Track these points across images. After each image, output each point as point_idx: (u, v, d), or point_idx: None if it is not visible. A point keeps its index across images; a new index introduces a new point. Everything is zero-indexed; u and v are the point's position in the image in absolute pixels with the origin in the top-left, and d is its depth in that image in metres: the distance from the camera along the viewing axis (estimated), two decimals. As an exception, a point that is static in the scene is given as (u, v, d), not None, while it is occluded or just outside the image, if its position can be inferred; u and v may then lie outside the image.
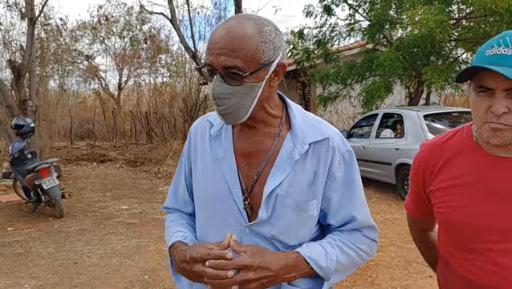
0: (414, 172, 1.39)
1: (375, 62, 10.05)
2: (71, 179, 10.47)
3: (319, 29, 11.60)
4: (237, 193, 1.26)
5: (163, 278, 4.45)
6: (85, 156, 14.47)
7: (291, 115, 1.30)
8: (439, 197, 1.28)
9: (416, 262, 4.73)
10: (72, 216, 7.07)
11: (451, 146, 1.29)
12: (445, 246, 1.34)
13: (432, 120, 7.73)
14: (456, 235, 1.26)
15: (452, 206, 1.24)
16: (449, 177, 1.26)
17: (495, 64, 1.06)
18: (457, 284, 1.27)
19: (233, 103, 1.16)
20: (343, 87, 11.58)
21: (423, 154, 1.37)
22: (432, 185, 1.31)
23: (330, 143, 1.27)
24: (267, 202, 1.23)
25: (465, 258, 1.24)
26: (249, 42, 1.13)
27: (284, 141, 1.26)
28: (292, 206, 1.23)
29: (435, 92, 12.22)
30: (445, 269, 1.34)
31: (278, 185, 1.23)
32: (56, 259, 5.09)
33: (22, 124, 7.38)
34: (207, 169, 1.32)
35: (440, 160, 1.29)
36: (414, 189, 1.43)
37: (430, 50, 9.77)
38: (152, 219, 6.77)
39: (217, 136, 1.33)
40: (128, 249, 5.40)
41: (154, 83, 22.15)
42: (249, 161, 1.28)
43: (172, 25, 12.17)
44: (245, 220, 1.25)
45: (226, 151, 1.30)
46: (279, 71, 1.21)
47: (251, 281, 1.12)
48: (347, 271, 1.34)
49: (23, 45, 12.40)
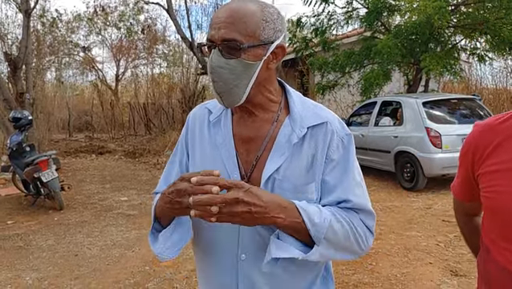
0: (464, 154, 1.32)
1: (374, 49, 9.98)
2: (70, 171, 10.46)
3: (317, 17, 11.52)
4: (236, 178, 1.24)
5: (163, 268, 4.46)
6: (84, 148, 14.45)
7: (290, 100, 1.29)
8: (486, 181, 1.22)
9: (416, 250, 4.74)
10: (72, 208, 7.07)
11: (505, 129, 1.20)
12: (488, 234, 1.27)
13: (431, 107, 7.71)
14: (500, 222, 1.19)
15: (498, 191, 1.17)
16: (499, 161, 1.18)
17: None
18: (497, 275, 1.21)
19: (228, 78, 1.16)
20: (341, 76, 11.53)
21: (474, 135, 1.29)
22: (480, 169, 1.24)
23: (328, 126, 1.25)
24: (265, 187, 1.22)
25: (508, 249, 1.17)
26: (250, 17, 1.14)
27: (282, 126, 1.26)
28: (290, 190, 1.21)
29: (433, 79, 12.17)
30: (486, 258, 1.27)
31: (276, 169, 1.22)
32: (56, 251, 5.09)
33: (20, 117, 7.34)
34: (206, 155, 1.31)
35: (492, 143, 1.21)
36: (462, 172, 1.36)
37: (428, 36, 9.70)
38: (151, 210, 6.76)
39: (216, 122, 1.33)
40: (128, 240, 5.41)
41: (151, 73, 22.07)
42: (248, 147, 1.28)
43: (169, 15, 12.09)
44: None
45: (225, 137, 1.29)
46: (278, 54, 1.21)
47: (239, 202, 1.04)
48: (339, 250, 1.23)
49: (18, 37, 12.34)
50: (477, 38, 10.43)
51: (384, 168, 8.37)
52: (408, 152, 7.61)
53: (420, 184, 7.47)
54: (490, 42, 9.76)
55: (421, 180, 7.44)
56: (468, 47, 10.86)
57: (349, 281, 4.02)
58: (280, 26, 1.20)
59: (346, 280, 4.04)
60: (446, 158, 6.99)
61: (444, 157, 7.07)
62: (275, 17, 1.19)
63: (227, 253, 1.27)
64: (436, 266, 4.31)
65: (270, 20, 1.17)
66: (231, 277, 1.27)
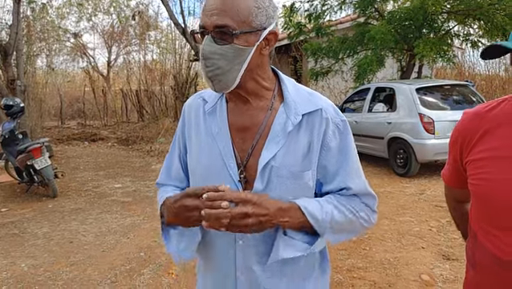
0: (453, 142, 1.35)
1: (367, 35, 9.97)
2: (63, 158, 10.43)
3: (311, 2, 11.47)
4: (233, 167, 1.26)
5: (158, 254, 4.48)
6: (76, 135, 14.39)
7: (284, 87, 1.30)
8: (474, 168, 1.24)
9: (409, 235, 4.80)
10: (66, 195, 7.06)
11: (493, 116, 1.23)
12: (476, 220, 1.29)
13: (425, 94, 7.73)
14: (487, 209, 1.22)
15: (485, 179, 1.19)
16: (487, 148, 1.20)
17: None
18: (484, 261, 1.24)
19: (221, 64, 1.16)
20: (335, 62, 11.52)
21: (463, 123, 1.32)
22: (469, 156, 1.26)
23: (323, 114, 1.27)
24: (262, 174, 1.23)
25: (495, 235, 1.19)
26: (243, 3, 1.15)
27: (277, 113, 1.27)
28: (287, 177, 1.23)
29: (427, 65, 12.20)
30: (474, 244, 1.30)
31: (272, 156, 1.23)
32: (51, 239, 5.10)
33: (12, 104, 7.29)
34: (202, 145, 1.32)
35: (480, 130, 1.23)
36: (451, 160, 1.39)
37: (422, 22, 9.71)
38: (145, 197, 6.77)
39: (211, 112, 1.33)
40: (123, 227, 5.42)
41: (144, 60, 21.91)
42: (243, 135, 1.29)
43: (161, 0, 11.96)
44: None
45: (221, 126, 1.30)
46: (271, 40, 1.22)
47: (250, 215, 1.12)
48: (345, 233, 1.31)
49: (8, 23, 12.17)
50: (471, 24, 10.45)
51: (378, 155, 8.41)
52: (402, 139, 7.64)
53: (413, 170, 7.52)
54: (483, 28, 9.78)
55: (414, 166, 7.49)
56: (461, 33, 10.88)
57: (343, 266, 4.07)
58: (272, 13, 1.21)
59: (340, 265, 4.08)
60: (439, 144, 7.04)
61: (437, 143, 7.11)
62: (267, 3, 1.19)
63: (225, 238, 1.29)
64: (428, 250, 4.37)
65: (262, 7, 1.17)
66: (229, 262, 1.29)
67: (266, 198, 1.17)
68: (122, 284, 3.89)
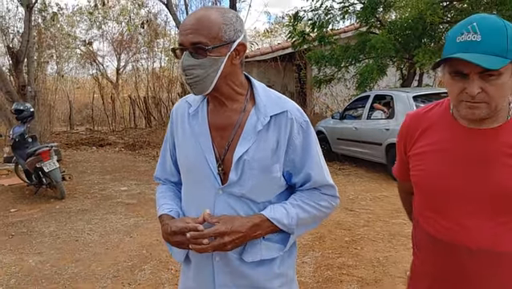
0: (399, 139, 1.57)
1: (368, 44, 10.19)
2: (71, 163, 10.70)
3: (315, 11, 11.69)
4: (212, 161, 1.49)
5: (160, 252, 4.70)
6: (84, 140, 14.67)
7: (255, 92, 1.51)
8: (414, 161, 1.45)
9: (400, 235, 4.98)
10: (73, 197, 7.31)
11: (430, 117, 1.44)
12: (417, 207, 1.50)
13: (422, 101, 7.91)
14: (425, 196, 1.43)
15: (423, 170, 1.40)
16: (424, 144, 1.41)
17: (466, 51, 1.18)
18: (424, 240, 1.45)
19: (198, 73, 1.38)
20: (337, 70, 11.72)
21: (405, 124, 1.54)
22: (411, 151, 1.47)
23: (288, 115, 1.48)
24: (236, 167, 1.46)
25: (431, 217, 1.40)
26: (213, 22, 1.37)
27: (249, 115, 1.48)
28: (258, 169, 1.45)
29: (428, 74, 12.37)
30: (416, 227, 1.52)
31: (244, 151, 1.45)
32: (58, 237, 5.34)
33: (22, 109, 7.57)
34: (187, 143, 1.55)
35: (419, 129, 1.44)
36: (399, 156, 1.60)
37: (422, 32, 9.90)
38: (150, 199, 7.00)
39: (194, 114, 1.55)
40: (127, 227, 5.65)
41: (152, 67, 22.23)
42: (221, 134, 1.51)
43: (168, 10, 12.27)
44: (219, 183, 1.48)
45: (202, 126, 1.52)
46: (240, 50, 1.44)
47: (227, 243, 1.38)
48: (311, 224, 1.60)
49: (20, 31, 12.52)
50: (471, 34, 10.59)
51: (376, 160, 8.59)
52: (399, 145, 7.79)
53: (410, 175, 7.67)
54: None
55: (411, 171, 7.63)
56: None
57: (334, 263, 4.27)
58: (239, 27, 1.42)
59: (331, 262, 4.28)
60: (435, 150, 7.19)
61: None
62: (234, 20, 1.41)
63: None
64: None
65: (229, 23, 1.39)
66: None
67: (238, 220, 1.42)
68: (123, 278, 4.12)
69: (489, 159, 1.30)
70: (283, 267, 1.56)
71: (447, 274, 1.38)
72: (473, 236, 1.31)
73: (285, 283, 1.57)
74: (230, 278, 1.51)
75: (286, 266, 1.58)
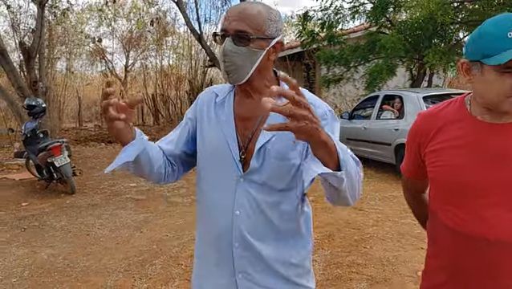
0: (411, 139, 1.59)
1: (378, 44, 10.19)
2: (80, 158, 10.79)
3: (324, 11, 11.71)
4: (235, 149, 1.52)
5: (170, 247, 4.75)
6: (93, 136, 14.78)
7: (281, 85, 1.54)
8: (432, 157, 1.47)
9: (410, 235, 4.99)
10: (83, 193, 7.38)
11: (445, 115, 1.47)
12: (434, 201, 1.53)
13: (432, 102, 7.89)
14: (445, 190, 1.46)
15: (443, 165, 1.43)
16: (442, 140, 1.44)
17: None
18: (441, 233, 1.48)
19: (237, 60, 1.43)
20: (346, 70, 11.73)
21: (419, 123, 1.57)
22: (427, 148, 1.49)
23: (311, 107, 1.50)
24: (258, 155, 1.49)
25: (451, 210, 1.43)
26: (259, 15, 1.43)
27: None
28: (277, 157, 1.48)
29: (438, 75, 12.35)
30: (433, 221, 1.54)
31: (266, 141, 1.49)
32: (69, 231, 5.40)
33: (34, 105, 7.65)
34: (211, 130, 1.59)
35: (435, 127, 1.47)
36: (410, 154, 1.62)
37: (432, 32, 9.89)
38: (159, 196, 7.06)
39: (221, 104, 1.60)
40: (137, 222, 5.70)
41: (161, 65, 22.33)
42: (245, 124, 1.55)
43: (178, 7, 12.31)
44: (240, 170, 1.51)
45: (228, 115, 1.57)
46: (277, 48, 1.50)
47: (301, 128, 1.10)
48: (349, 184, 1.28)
49: (32, 27, 12.64)
50: (481, 35, 10.57)
51: (385, 161, 8.58)
52: (409, 145, 7.80)
53: (420, 175, 7.67)
54: (494, 39, 9.90)
55: (420, 172, 7.64)
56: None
57: (343, 262, 4.29)
58: (280, 26, 1.49)
59: (340, 261, 4.30)
60: (444, 151, 7.19)
61: (442, 150, 7.27)
62: (277, 18, 1.48)
63: (225, 210, 1.53)
64: (426, 250, 4.55)
65: (273, 19, 1.46)
66: (227, 228, 1.54)
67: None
68: (135, 273, 4.16)
69: (509, 152, 1.33)
70: (300, 257, 1.58)
71: (465, 267, 1.41)
72: (492, 228, 1.34)
73: (301, 274, 1.60)
74: (249, 262, 1.53)
75: (303, 257, 1.60)
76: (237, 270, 1.54)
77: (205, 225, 1.65)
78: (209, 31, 16.84)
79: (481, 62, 1.28)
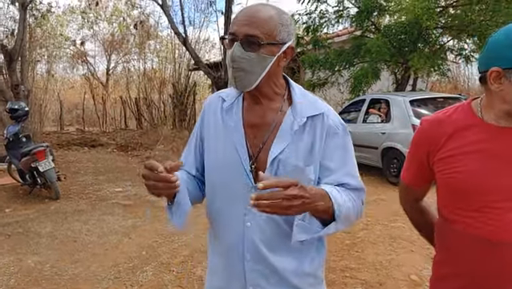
0: (416, 145, 1.55)
1: (363, 48, 10.25)
2: (63, 163, 10.58)
3: (309, 15, 11.74)
4: (245, 159, 1.46)
5: (160, 253, 4.67)
6: (76, 140, 14.56)
7: (293, 93, 1.50)
8: (445, 164, 1.43)
9: (401, 238, 5.00)
10: (68, 198, 7.24)
11: (455, 121, 1.44)
12: (446, 208, 1.49)
13: (418, 105, 7.98)
14: (462, 197, 1.41)
15: (459, 172, 1.39)
16: (456, 147, 1.41)
17: None
18: (459, 240, 1.43)
19: (246, 66, 1.37)
20: (331, 74, 11.77)
21: (425, 129, 1.52)
22: (437, 156, 1.45)
23: (325, 118, 1.46)
24: (271, 166, 1.43)
25: (471, 217, 1.39)
26: (270, 20, 1.36)
27: (286, 115, 1.46)
28: (291, 170, 1.43)
29: (421, 79, 12.48)
30: (445, 228, 1.50)
31: (280, 151, 1.43)
32: (55, 238, 5.28)
33: (17, 108, 7.48)
34: (219, 138, 1.52)
35: (445, 133, 1.43)
36: (415, 162, 1.57)
37: (417, 36, 9.99)
38: (146, 201, 6.95)
39: (228, 109, 1.53)
40: (125, 228, 5.61)
41: (144, 68, 22.12)
42: (255, 132, 1.49)
43: (163, 10, 12.20)
44: (252, 181, 1.45)
45: (236, 122, 1.50)
46: (288, 53, 1.43)
47: (297, 197, 1.20)
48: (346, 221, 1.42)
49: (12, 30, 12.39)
50: (464, 40, 10.74)
51: (372, 164, 8.63)
52: (395, 148, 7.87)
53: (407, 179, 7.72)
54: (477, 44, 10.06)
55: (407, 175, 7.68)
56: (455, 48, 11.17)
57: (336, 266, 4.26)
58: (292, 31, 1.42)
59: (333, 265, 4.28)
60: (431, 154, 7.26)
61: (429, 153, 7.33)
62: (289, 22, 1.40)
63: (235, 221, 1.49)
64: (418, 253, 4.57)
65: (285, 24, 1.39)
66: (238, 240, 1.49)
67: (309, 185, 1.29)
68: (125, 280, 4.08)
69: None
70: (313, 266, 1.54)
71: (485, 272, 1.38)
72: None
73: (314, 284, 1.55)
74: (261, 275, 1.49)
75: (316, 266, 1.56)
76: (249, 284, 1.50)
77: (216, 238, 1.61)
78: (194, 34, 16.77)
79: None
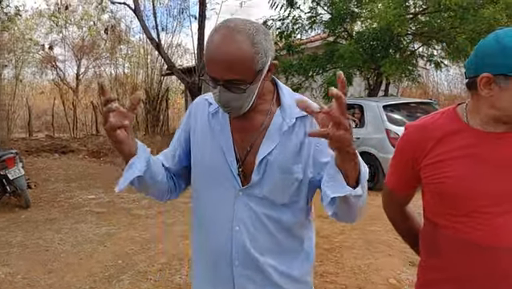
0: (402, 151, 1.54)
1: (336, 54, 10.37)
2: (33, 170, 10.31)
3: (283, 21, 11.81)
4: (233, 162, 1.44)
5: (137, 262, 4.58)
6: (45, 147, 14.18)
7: (281, 94, 1.48)
8: (433, 169, 1.42)
9: (377, 243, 5.04)
10: (38, 206, 7.05)
11: (441, 126, 1.44)
12: (435, 213, 1.48)
13: (391, 110, 8.10)
14: (452, 202, 1.41)
15: (448, 177, 1.39)
16: (443, 152, 1.41)
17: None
18: (450, 245, 1.43)
19: (238, 104, 1.34)
20: (305, 79, 11.85)
21: (410, 135, 1.52)
22: (424, 161, 1.44)
23: (313, 118, 1.45)
24: (259, 167, 1.42)
25: (461, 222, 1.39)
26: (245, 57, 1.27)
27: (274, 116, 1.45)
28: (279, 170, 1.41)
29: (393, 84, 12.69)
30: (434, 233, 1.49)
31: (268, 152, 1.41)
32: (27, 247, 5.12)
33: (-15, 114, 7.26)
34: (206, 142, 1.50)
35: (433, 138, 1.43)
36: (400, 167, 1.57)
37: (388, 43, 10.15)
38: (121, 208, 6.83)
39: (215, 113, 1.51)
40: (99, 236, 5.48)
41: (115, 73, 21.82)
42: (242, 135, 1.46)
43: (136, 15, 12.07)
44: (239, 184, 1.44)
45: (223, 126, 1.48)
46: (271, 68, 1.38)
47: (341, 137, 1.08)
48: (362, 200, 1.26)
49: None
50: (434, 46, 10.99)
51: (347, 169, 8.68)
52: (369, 153, 7.97)
53: (381, 183, 7.80)
54: (446, 50, 10.31)
55: (381, 179, 7.79)
56: (425, 54, 11.42)
57: (317, 271, 4.26)
58: (269, 46, 1.34)
59: (313, 270, 4.27)
60: (405, 158, 7.38)
61: (402, 158, 7.45)
62: (263, 41, 1.31)
63: (223, 226, 1.46)
64: (395, 257, 4.61)
65: (261, 50, 1.30)
66: (226, 245, 1.46)
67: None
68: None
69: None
70: (303, 271, 1.52)
71: (477, 277, 1.39)
72: (508, 235, 1.33)
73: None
74: (250, 280, 1.46)
75: (305, 271, 1.54)
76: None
77: (201, 244, 1.57)
78: (167, 39, 16.66)
79: (510, 75, 1.26)
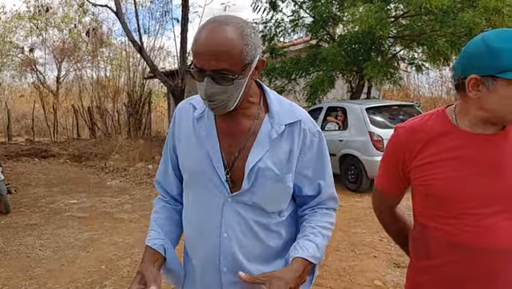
0: (391, 153, 1.54)
1: (319, 57, 10.42)
2: (13, 174, 10.13)
3: (265, 24, 11.84)
4: (220, 168, 1.42)
5: (120, 267, 4.52)
6: (25, 151, 13.95)
7: (268, 99, 1.47)
8: (422, 171, 1.43)
9: (362, 245, 5.06)
10: (19, 211, 6.92)
11: (430, 128, 1.44)
12: (425, 215, 1.49)
13: (374, 113, 8.16)
14: (441, 203, 1.41)
15: (437, 178, 1.39)
16: (432, 154, 1.41)
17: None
18: (440, 247, 1.43)
19: (223, 98, 1.31)
20: (288, 82, 11.88)
21: (400, 136, 1.51)
22: (413, 163, 1.45)
23: (302, 125, 1.45)
24: (249, 175, 1.40)
25: (450, 223, 1.39)
26: (234, 47, 1.26)
27: (263, 123, 1.43)
28: (270, 178, 1.40)
29: (375, 87, 12.80)
30: (424, 235, 1.49)
31: (258, 160, 1.39)
32: (7, 253, 5.01)
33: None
34: (191, 147, 1.47)
35: (422, 140, 1.43)
36: (389, 169, 1.57)
37: (370, 46, 10.25)
38: (103, 212, 6.74)
39: (200, 117, 1.48)
40: (82, 241, 5.40)
41: (97, 76, 21.57)
42: (230, 140, 1.44)
43: (118, 18, 11.96)
44: (228, 190, 1.42)
45: (209, 130, 1.45)
46: (259, 66, 1.36)
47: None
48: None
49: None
50: (415, 49, 11.12)
51: (330, 171, 8.71)
52: (353, 155, 8.01)
53: (364, 185, 7.88)
54: (427, 53, 10.43)
55: (365, 181, 7.85)
56: (406, 57, 11.55)
57: (301, 274, 4.26)
58: (258, 42, 1.33)
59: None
60: (388, 160, 7.44)
61: (385, 160, 7.52)
62: (253, 36, 1.30)
63: (211, 232, 1.44)
64: (380, 259, 4.64)
65: (250, 43, 1.29)
66: (214, 252, 1.45)
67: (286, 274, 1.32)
68: (84, 296, 3.92)
69: (504, 160, 1.35)
70: None
71: (467, 278, 1.39)
72: (497, 237, 1.34)
73: None
74: (238, 288, 1.44)
75: None
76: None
77: (190, 249, 1.56)
78: (149, 42, 16.57)
79: (497, 76, 1.26)
